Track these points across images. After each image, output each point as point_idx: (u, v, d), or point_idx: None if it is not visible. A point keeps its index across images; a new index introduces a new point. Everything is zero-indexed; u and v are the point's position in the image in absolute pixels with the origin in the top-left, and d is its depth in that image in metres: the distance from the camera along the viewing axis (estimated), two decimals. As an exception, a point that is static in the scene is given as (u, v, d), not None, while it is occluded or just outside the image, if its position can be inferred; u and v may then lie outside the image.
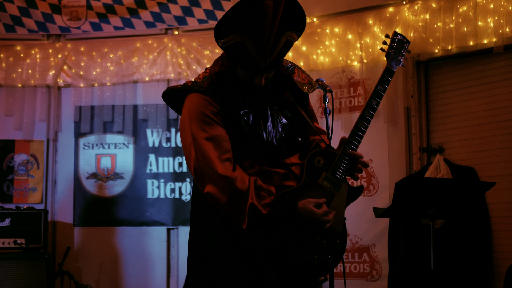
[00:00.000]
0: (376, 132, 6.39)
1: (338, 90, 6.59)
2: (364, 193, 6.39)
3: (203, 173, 3.05)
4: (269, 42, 2.98)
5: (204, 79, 3.21)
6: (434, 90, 6.30)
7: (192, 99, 3.15)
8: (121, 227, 7.25)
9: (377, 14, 6.35)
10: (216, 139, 3.07)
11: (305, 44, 6.70)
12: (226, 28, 3.00)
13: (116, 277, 7.20)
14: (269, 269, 3.06)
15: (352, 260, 6.41)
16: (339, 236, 3.19)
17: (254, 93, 3.16)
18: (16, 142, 7.35)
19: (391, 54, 3.29)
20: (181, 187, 7.24)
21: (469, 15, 5.79)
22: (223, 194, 3.01)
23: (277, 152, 3.18)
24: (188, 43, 7.20)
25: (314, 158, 3.18)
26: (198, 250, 3.22)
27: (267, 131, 3.16)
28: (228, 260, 3.09)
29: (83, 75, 7.33)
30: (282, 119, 3.24)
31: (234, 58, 3.08)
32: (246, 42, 2.96)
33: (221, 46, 3.08)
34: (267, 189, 3.06)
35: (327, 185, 3.17)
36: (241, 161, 3.14)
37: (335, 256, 3.17)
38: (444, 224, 5.77)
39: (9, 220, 6.61)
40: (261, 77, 3.10)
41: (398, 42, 3.31)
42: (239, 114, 3.14)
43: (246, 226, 3.00)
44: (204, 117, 3.09)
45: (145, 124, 7.34)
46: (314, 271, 3.14)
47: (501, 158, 5.83)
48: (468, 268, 5.74)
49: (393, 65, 3.28)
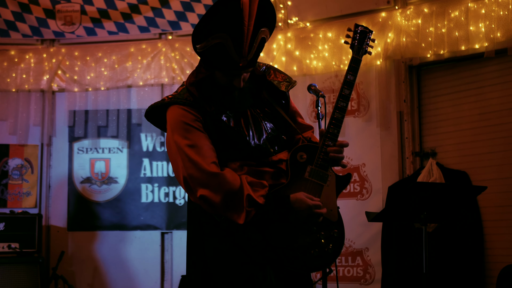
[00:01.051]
0: (369, 136, 6.42)
1: (331, 94, 6.61)
2: (357, 197, 6.42)
3: (192, 178, 3.06)
4: (247, 40, 3.01)
5: (182, 91, 3.23)
6: (426, 95, 6.32)
7: (172, 111, 3.18)
8: (115, 231, 7.26)
9: (370, 19, 6.36)
10: (199, 145, 3.09)
11: (298, 48, 6.71)
12: (204, 31, 3.02)
13: (110, 281, 7.20)
14: (268, 269, 3.08)
15: (345, 264, 6.43)
16: (336, 225, 3.21)
17: (233, 97, 3.19)
18: (10, 147, 7.36)
19: (355, 45, 3.36)
20: (175, 191, 7.25)
21: (461, 20, 5.81)
22: (216, 193, 3.02)
23: (264, 151, 3.20)
24: (182, 47, 7.21)
25: (296, 154, 3.22)
26: (197, 259, 3.22)
27: (249, 132, 3.19)
28: (227, 263, 3.10)
29: (77, 79, 7.34)
30: (264, 119, 3.27)
31: (212, 62, 3.10)
32: (225, 43, 2.98)
33: (199, 51, 3.10)
34: (259, 182, 3.10)
35: (314, 178, 3.20)
36: (229, 164, 3.16)
37: (335, 246, 3.19)
38: (437, 227, 5.78)
39: (3, 224, 6.61)
40: (240, 78, 3.12)
41: (361, 33, 3.38)
42: (220, 119, 3.16)
43: (243, 220, 3.02)
44: (184, 126, 3.11)
45: (139, 129, 7.35)
46: (316, 265, 3.16)
47: (493, 162, 5.85)
48: (461, 272, 5.75)
49: (359, 54, 3.35)
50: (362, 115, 6.45)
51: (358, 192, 6.44)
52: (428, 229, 5.62)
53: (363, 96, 6.47)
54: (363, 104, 6.47)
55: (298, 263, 3.11)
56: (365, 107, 6.46)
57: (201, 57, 3.14)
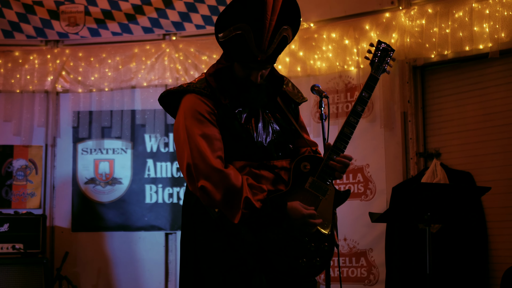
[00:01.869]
0: (373, 137, 6.41)
1: (335, 95, 6.60)
2: (361, 197, 6.41)
3: (197, 168, 3.09)
4: (268, 34, 3.05)
5: (200, 81, 3.27)
6: (430, 95, 6.30)
7: (187, 99, 3.21)
8: (119, 232, 7.26)
9: (374, 20, 6.37)
10: (209, 137, 3.12)
11: (302, 49, 6.71)
12: (227, 20, 3.08)
13: (114, 282, 7.20)
14: (259, 271, 3.10)
15: (349, 265, 6.41)
16: (327, 239, 3.22)
17: (250, 92, 3.22)
18: (15, 148, 7.37)
19: (375, 62, 3.35)
20: (179, 192, 7.25)
21: (465, 21, 5.80)
22: (217, 188, 3.05)
23: (267, 153, 3.23)
24: (186, 48, 7.22)
25: (300, 164, 3.25)
26: (189, 254, 3.25)
27: (257, 132, 3.22)
28: (219, 262, 3.12)
29: (81, 80, 7.34)
30: (274, 123, 3.30)
31: (232, 53, 3.15)
32: (246, 34, 3.03)
33: (220, 41, 3.15)
34: (259, 186, 3.13)
35: (314, 190, 3.22)
36: (232, 162, 3.18)
37: (323, 259, 3.20)
38: (441, 228, 5.77)
39: (7, 225, 6.62)
40: (258, 73, 3.17)
41: (382, 51, 3.37)
42: (233, 113, 3.20)
43: (238, 220, 3.04)
44: (198, 116, 3.14)
45: (143, 129, 7.35)
46: (302, 274, 3.17)
47: (497, 162, 5.84)
48: (465, 273, 5.74)
49: (377, 73, 3.34)
50: (366, 116, 6.44)
51: (362, 192, 6.43)
52: (432, 230, 5.61)
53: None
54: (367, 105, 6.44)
55: (286, 270, 3.14)
56: (369, 107, 6.45)
57: (222, 47, 3.20)
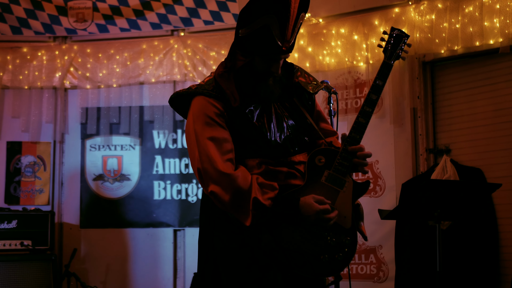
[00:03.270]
0: (382, 133, 6.38)
1: (344, 91, 6.57)
2: (370, 194, 6.37)
3: (206, 173, 3.07)
4: (291, 23, 3.04)
5: (209, 82, 3.24)
6: (440, 91, 6.27)
7: (196, 102, 3.19)
8: (127, 228, 7.25)
9: (383, 15, 6.33)
10: (217, 140, 3.10)
11: (311, 45, 6.68)
12: (252, 14, 3.05)
13: (123, 278, 7.20)
14: (275, 271, 3.06)
15: (358, 262, 6.39)
16: (348, 233, 3.17)
17: (267, 84, 3.17)
18: (23, 144, 7.36)
19: (388, 49, 3.26)
20: (188, 189, 7.24)
21: (475, 15, 5.77)
22: (226, 192, 3.03)
23: (282, 150, 3.19)
24: (194, 44, 7.20)
25: (315, 157, 3.18)
26: (207, 252, 3.22)
27: (271, 130, 3.19)
28: (234, 261, 3.09)
29: (90, 76, 7.34)
30: (288, 118, 3.26)
31: (255, 46, 3.10)
32: (272, 25, 3.01)
33: (241, 36, 3.11)
34: (270, 184, 3.08)
35: (331, 183, 3.15)
36: (247, 161, 3.15)
37: (345, 253, 3.14)
38: (451, 225, 5.74)
39: (15, 222, 6.61)
40: (279, 63, 3.14)
41: (396, 37, 3.27)
42: (243, 113, 3.16)
43: (250, 223, 3.01)
44: (206, 119, 3.12)
45: (151, 126, 7.34)
46: (324, 270, 3.12)
47: (508, 158, 5.80)
48: (475, 270, 5.71)
49: (390, 59, 3.25)
50: (375, 112, 6.36)
51: (371, 189, 6.40)
52: (442, 227, 5.58)
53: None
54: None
55: (307, 267, 3.09)
56: (379, 103, 6.38)
57: (243, 42, 3.13)
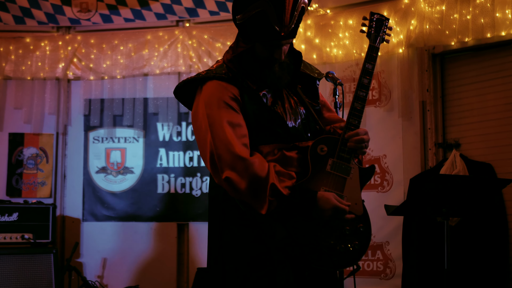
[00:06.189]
0: (390, 127, 6.32)
1: (352, 83, 6.50)
2: (377, 189, 6.32)
3: (220, 159, 2.98)
4: (289, 8, 2.97)
5: (219, 67, 3.16)
6: (450, 84, 6.20)
7: (209, 86, 3.09)
8: (130, 222, 7.20)
9: (392, 6, 6.26)
10: (233, 124, 3.01)
11: (318, 36, 6.61)
12: (245, 0, 2.99)
13: (125, 272, 7.15)
14: (287, 268, 3.00)
15: (365, 258, 6.33)
16: (361, 220, 3.16)
17: (273, 71, 3.11)
18: (25, 136, 7.32)
19: (372, 33, 3.39)
20: (192, 182, 7.17)
21: (487, 6, 5.70)
22: (242, 178, 2.94)
23: (299, 135, 3.15)
24: (200, 35, 7.14)
25: (316, 147, 3.14)
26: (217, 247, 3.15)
27: (287, 114, 3.14)
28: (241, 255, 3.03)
29: (93, 67, 7.29)
30: (299, 105, 3.23)
31: (253, 33, 3.05)
32: (268, 10, 2.94)
33: (238, 23, 3.05)
34: (287, 173, 3.03)
35: (336, 171, 3.13)
36: (261, 147, 3.08)
37: (361, 241, 3.13)
38: (460, 222, 5.69)
39: (16, 214, 6.57)
40: (281, 49, 3.08)
41: (377, 21, 3.41)
42: (258, 97, 3.10)
43: (266, 210, 2.93)
44: (221, 103, 3.03)
45: (156, 118, 7.28)
46: (342, 261, 3.09)
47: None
48: (484, 267, 5.66)
49: (375, 42, 3.37)
50: (383, 105, 6.36)
51: (379, 184, 6.33)
52: (451, 223, 5.53)
53: (385, 85, 6.36)
54: (384, 93, 6.36)
55: (324, 260, 3.04)
56: (387, 96, 6.35)
57: (241, 29, 3.10)
